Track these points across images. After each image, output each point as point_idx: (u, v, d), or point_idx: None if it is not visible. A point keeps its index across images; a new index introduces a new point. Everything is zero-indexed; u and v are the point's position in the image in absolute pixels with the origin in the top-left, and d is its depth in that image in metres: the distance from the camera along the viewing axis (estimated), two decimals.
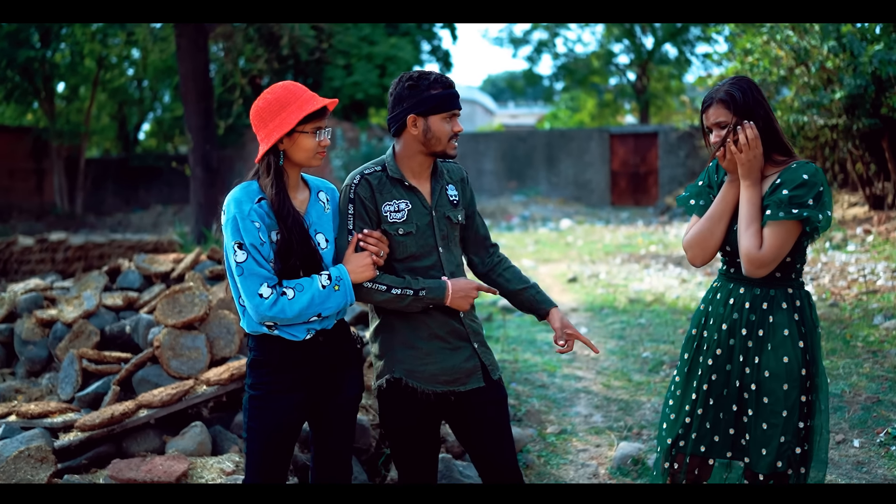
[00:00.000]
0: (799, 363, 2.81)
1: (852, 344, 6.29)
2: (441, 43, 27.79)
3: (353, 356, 2.96)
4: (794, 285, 2.88)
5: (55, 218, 21.45)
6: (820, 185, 2.72)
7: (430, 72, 2.90)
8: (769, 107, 2.83)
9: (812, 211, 2.69)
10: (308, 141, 2.74)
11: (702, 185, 3.05)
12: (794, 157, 2.85)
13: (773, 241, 2.72)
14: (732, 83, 2.83)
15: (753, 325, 2.87)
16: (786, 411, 2.80)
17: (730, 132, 2.79)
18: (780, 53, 13.09)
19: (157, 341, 4.34)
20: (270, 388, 2.78)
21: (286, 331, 2.75)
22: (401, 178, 2.93)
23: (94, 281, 5.55)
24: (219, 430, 4.04)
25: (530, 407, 5.42)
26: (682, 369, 3.08)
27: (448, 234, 2.98)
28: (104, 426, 3.78)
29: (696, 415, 2.99)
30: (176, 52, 9.49)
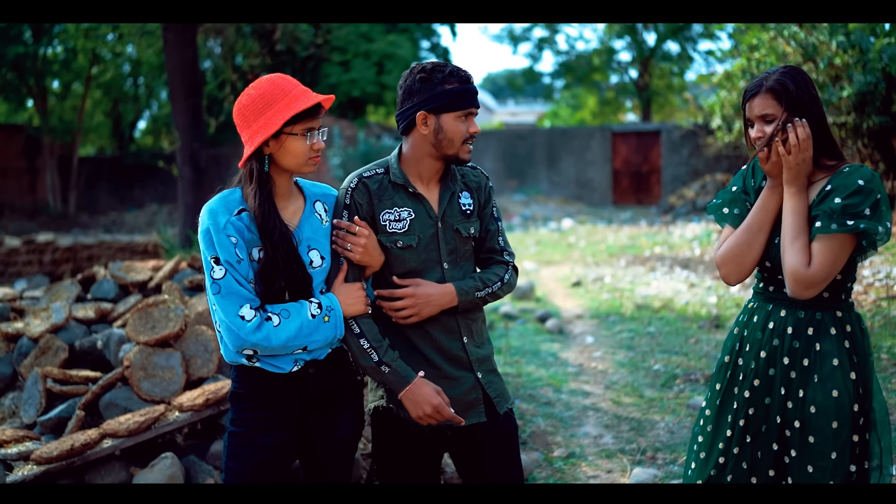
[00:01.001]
0: (850, 397, 2.41)
1: (877, 356, 5.91)
2: (440, 40, 27.46)
3: (349, 390, 2.57)
4: (844, 307, 2.48)
5: (48, 217, 21.10)
6: (878, 192, 2.34)
7: (446, 63, 2.50)
8: (821, 104, 2.44)
9: (870, 223, 2.30)
10: (298, 144, 2.35)
11: (736, 192, 2.64)
12: (844, 162, 2.46)
13: (823, 257, 2.34)
14: (785, 72, 2.44)
15: (797, 352, 2.47)
16: (835, 453, 2.41)
17: (778, 130, 2.40)
18: (787, 49, 12.77)
19: (128, 360, 3.94)
20: (252, 424, 2.42)
21: (268, 362, 2.37)
22: (404, 183, 2.53)
23: (66, 290, 5.15)
24: (193, 461, 3.66)
25: (535, 427, 5.03)
26: (713, 401, 2.67)
27: (457, 248, 2.58)
28: (63, 458, 3.39)
29: (731, 454, 2.59)
30: (163, 48, 9.13)
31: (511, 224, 18.95)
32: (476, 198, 2.65)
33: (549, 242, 15.07)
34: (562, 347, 7.15)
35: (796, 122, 2.39)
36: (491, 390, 2.58)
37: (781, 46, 12.91)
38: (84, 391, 4.06)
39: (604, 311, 8.57)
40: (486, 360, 2.62)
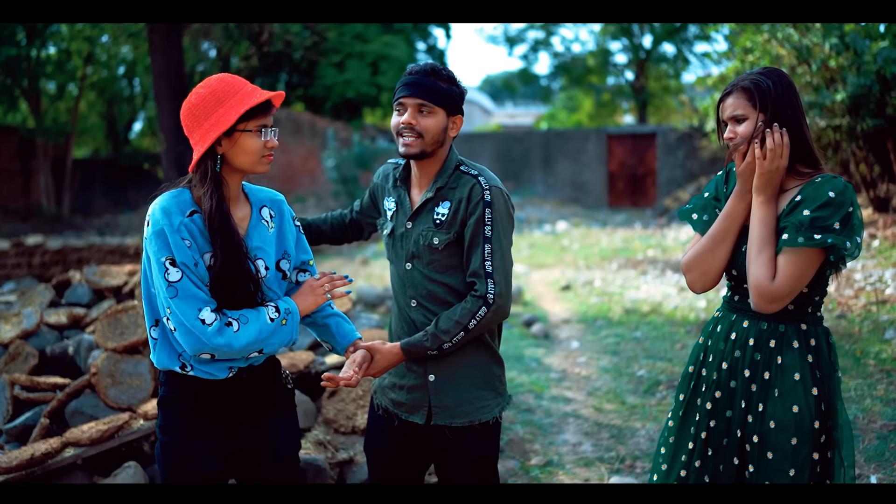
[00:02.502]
0: (811, 414, 2.32)
1: (863, 362, 5.85)
2: (436, 42, 27.44)
3: (282, 399, 2.51)
4: (810, 320, 2.39)
5: (41, 219, 21.00)
6: (849, 206, 2.25)
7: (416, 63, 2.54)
8: (801, 107, 2.35)
9: (838, 238, 2.20)
10: (252, 141, 2.27)
11: (708, 198, 2.58)
12: (819, 171, 2.38)
13: (789, 271, 2.25)
14: (762, 72, 2.36)
15: (758, 365, 2.40)
16: (793, 470, 2.32)
17: (759, 133, 2.31)
18: (781, 52, 12.72)
19: (95, 367, 3.88)
20: (181, 431, 2.35)
21: (202, 370, 2.31)
22: (401, 178, 2.62)
23: (39, 295, 5.08)
24: (158, 470, 3.59)
25: (514, 435, 4.96)
26: (676, 412, 2.60)
27: (420, 253, 2.52)
28: (23, 468, 3.32)
29: (692, 467, 2.52)
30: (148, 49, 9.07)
31: None
32: (456, 209, 2.50)
33: (542, 245, 15.01)
34: (546, 353, 7.08)
35: (775, 128, 2.31)
36: (436, 399, 2.52)
37: (775, 49, 12.87)
38: (51, 398, 3.99)
39: (591, 316, 8.50)
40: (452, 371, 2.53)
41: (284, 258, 2.47)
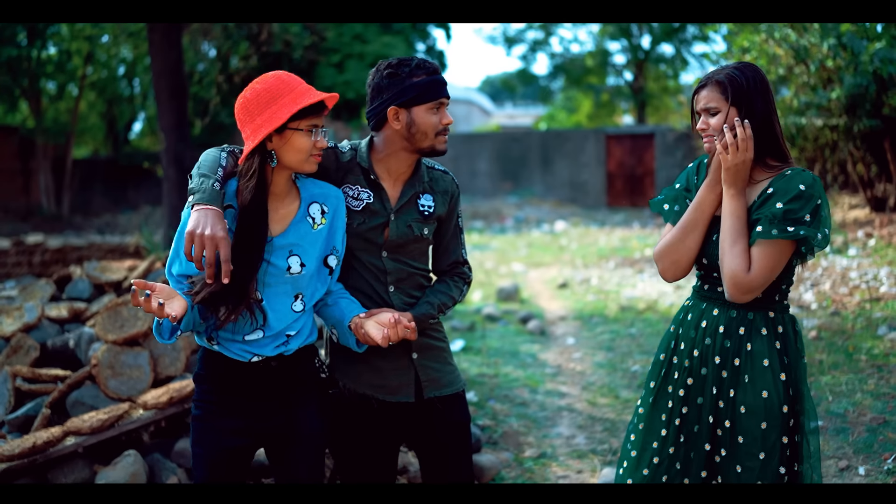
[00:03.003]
0: (780, 398, 2.40)
1: (855, 357, 5.91)
2: (436, 43, 27.46)
3: (315, 388, 2.56)
4: (777, 308, 2.47)
5: (41, 219, 21.07)
6: (818, 198, 2.33)
7: (412, 57, 2.52)
8: (773, 103, 2.42)
9: (809, 229, 2.29)
10: (302, 140, 2.33)
11: (679, 189, 2.64)
12: (788, 164, 2.46)
13: (763, 262, 2.33)
14: (735, 67, 2.43)
15: (728, 352, 2.47)
16: (763, 453, 2.40)
17: (733, 126, 2.38)
18: (778, 52, 12.78)
19: (95, 359, 3.95)
20: (211, 408, 2.44)
21: (225, 347, 2.39)
22: (368, 168, 2.57)
23: (40, 290, 5.16)
24: (157, 459, 3.66)
25: (508, 428, 5.02)
26: (646, 400, 2.65)
27: (404, 244, 2.60)
28: (25, 456, 3.40)
29: (665, 453, 2.58)
30: (148, 49, 9.13)
31: (504, 226, 18.95)
32: (439, 202, 2.66)
33: (540, 245, 15.07)
34: (542, 349, 7.15)
35: (737, 122, 2.37)
36: (423, 373, 2.62)
37: (773, 49, 12.94)
38: (53, 390, 4.06)
39: (587, 313, 8.56)
40: (429, 346, 2.66)
41: (332, 253, 2.51)
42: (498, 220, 20.22)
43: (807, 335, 6.64)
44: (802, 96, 12.80)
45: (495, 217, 20.61)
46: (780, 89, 14.20)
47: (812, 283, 8.82)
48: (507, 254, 13.83)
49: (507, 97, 58.76)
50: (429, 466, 2.72)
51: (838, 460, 4.32)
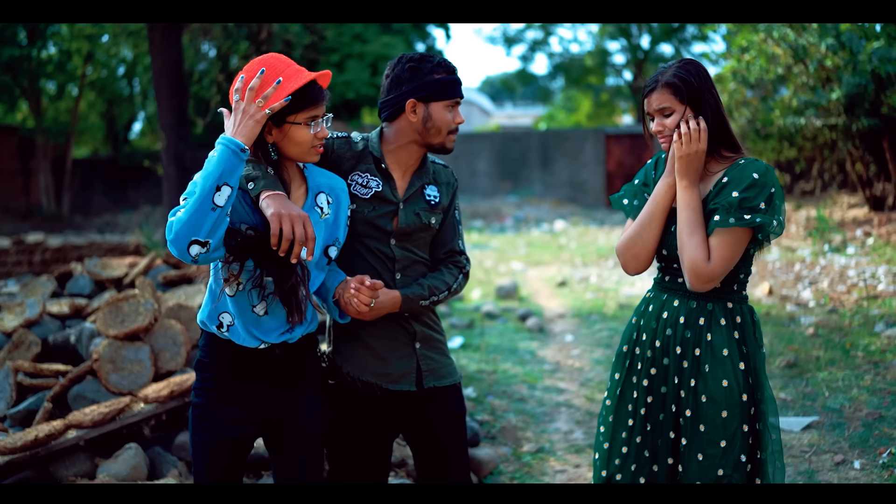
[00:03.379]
0: (740, 387, 2.45)
1: (852, 354, 5.94)
2: (435, 43, 27.48)
3: (315, 376, 2.58)
4: (736, 299, 2.53)
5: (41, 219, 21.09)
6: (771, 186, 2.39)
7: (432, 55, 2.58)
8: (718, 97, 2.49)
9: (765, 217, 2.35)
10: (301, 133, 2.34)
11: (638, 184, 2.71)
12: (741, 154, 2.52)
13: (723, 251, 2.38)
14: (680, 66, 2.49)
15: (689, 342, 2.52)
16: (724, 441, 2.45)
17: (688, 121, 2.44)
18: (777, 51, 12.80)
19: (96, 354, 3.98)
20: (213, 395, 2.44)
21: (236, 333, 2.39)
22: (380, 157, 2.63)
23: (42, 286, 5.18)
24: (158, 452, 3.70)
25: (506, 423, 5.05)
26: (613, 391, 2.71)
27: (412, 232, 2.67)
28: (27, 449, 3.43)
29: (633, 443, 2.63)
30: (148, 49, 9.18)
31: (504, 226, 18.97)
32: (443, 192, 2.75)
33: (539, 244, 15.10)
34: (540, 345, 7.18)
35: (691, 117, 2.44)
36: (424, 363, 2.67)
37: (771, 48, 12.96)
38: (54, 384, 4.09)
39: (586, 311, 8.59)
40: (431, 338, 2.71)
41: (334, 245, 2.53)
42: (497, 219, 20.24)
43: (804, 332, 6.67)
44: (801, 96, 12.82)
45: (495, 216, 20.63)
46: (780, 88, 14.24)
47: (810, 282, 8.86)
48: (506, 252, 13.85)
49: (506, 97, 58.79)
50: (424, 457, 2.75)
51: (834, 455, 4.35)
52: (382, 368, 2.63)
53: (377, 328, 2.62)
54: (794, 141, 13.99)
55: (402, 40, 24.40)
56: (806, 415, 4.94)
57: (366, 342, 2.62)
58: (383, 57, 23.21)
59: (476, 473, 4.07)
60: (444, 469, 2.72)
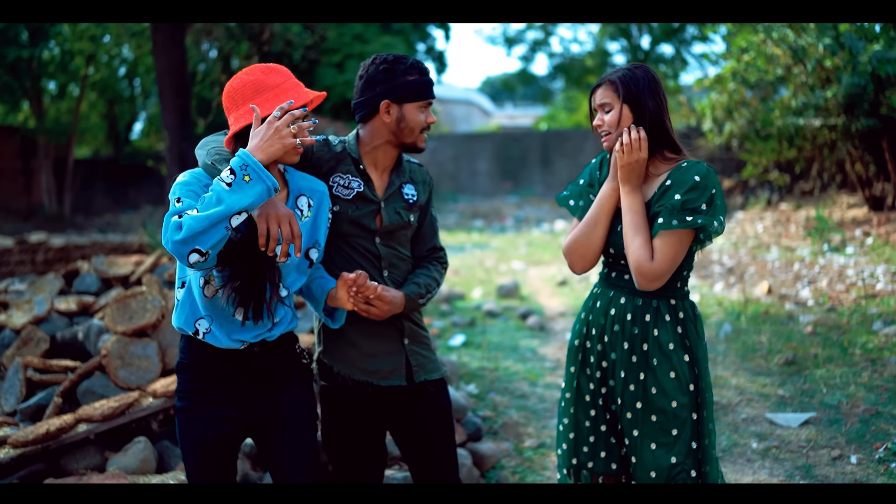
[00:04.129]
0: (686, 378, 2.57)
1: (850, 351, 6.00)
2: (435, 43, 27.53)
3: (297, 373, 2.61)
4: (679, 296, 2.64)
5: (43, 219, 21.15)
6: (712, 188, 2.49)
7: (406, 56, 2.65)
8: (663, 101, 2.58)
9: (706, 217, 2.46)
10: None
11: (583, 185, 2.81)
12: (683, 156, 2.62)
13: (666, 251, 2.49)
14: (628, 68, 2.61)
15: (636, 338, 2.62)
16: (676, 429, 2.56)
17: (630, 130, 2.55)
18: (776, 52, 12.85)
19: (105, 349, 4.05)
20: (195, 397, 2.48)
21: (213, 336, 2.42)
22: (358, 158, 2.70)
23: (49, 284, 5.25)
24: (166, 446, 3.76)
25: (508, 419, 5.12)
26: (570, 385, 2.81)
27: (393, 230, 2.75)
28: (39, 442, 3.49)
29: (599, 431, 2.73)
30: (152, 49, 9.23)
31: (504, 225, 19.03)
32: (420, 191, 2.83)
33: (540, 243, 15.15)
34: (541, 343, 7.24)
35: (632, 127, 2.54)
36: (413, 359, 2.75)
37: (770, 49, 13.01)
38: (63, 380, 4.16)
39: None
40: (417, 334, 2.80)
41: (314, 247, 2.58)
42: (498, 219, 20.30)
43: (803, 330, 6.73)
44: (801, 96, 12.87)
45: (495, 216, 20.69)
46: (780, 89, 14.29)
47: (809, 281, 8.92)
48: (507, 252, 13.91)
49: (507, 98, 58.85)
50: (414, 452, 2.83)
51: (831, 450, 4.41)
52: (373, 366, 2.70)
53: (366, 327, 2.69)
54: (794, 141, 14.04)
55: (402, 40, 24.44)
56: (804, 411, 5.00)
57: (354, 341, 2.69)
58: None
59: (478, 467, 4.14)
60: (436, 460, 2.81)
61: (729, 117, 14.98)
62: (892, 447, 4.33)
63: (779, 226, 13.68)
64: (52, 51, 21.41)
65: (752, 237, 13.34)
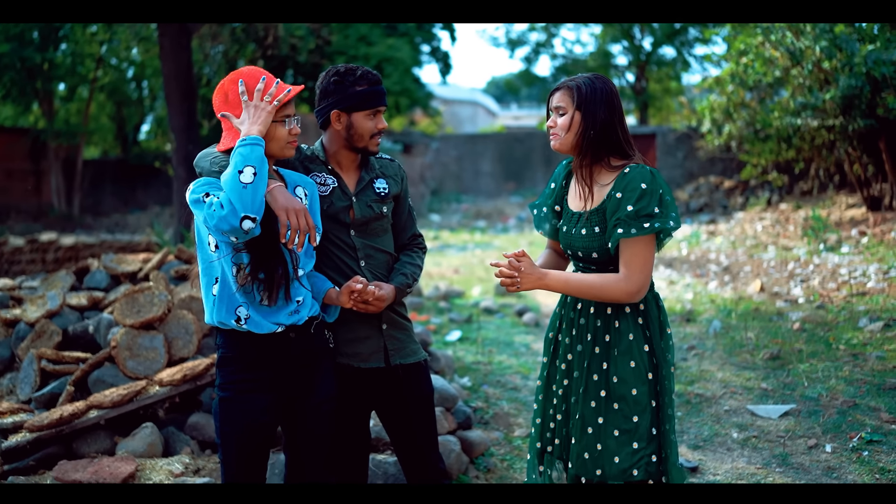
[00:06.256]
0: (645, 366, 2.74)
1: (834, 347, 6.19)
2: (440, 44, 27.72)
3: (324, 356, 2.84)
4: None
5: (53, 219, 21.40)
6: (659, 189, 2.66)
7: (357, 67, 2.88)
8: (617, 112, 2.75)
9: (662, 220, 2.64)
10: (278, 130, 2.65)
11: (548, 212, 2.98)
12: (629, 160, 2.77)
13: (635, 260, 2.66)
14: (589, 77, 2.78)
15: (599, 330, 2.80)
16: (636, 416, 2.73)
17: (503, 272, 2.73)
18: (774, 54, 13.00)
19: (114, 341, 4.27)
20: (239, 387, 2.68)
21: (254, 322, 2.64)
22: (325, 160, 2.95)
23: (61, 280, 5.49)
24: (172, 432, 3.98)
25: (499, 410, 5.32)
26: (542, 373, 3.02)
27: (367, 222, 2.97)
28: (53, 427, 3.72)
29: (557, 420, 2.93)
30: (159, 53, 9.46)
31: (507, 226, 19.23)
32: (392, 184, 3.05)
33: (541, 243, 15.28)
34: (535, 339, 7.43)
35: (511, 261, 2.70)
36: (390, 343, 2.97)
37: (769, 51, 13.16)
38: (75, 370, 4.39)
39: None
40: (396, 321, 3.00)
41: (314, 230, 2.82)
42: (500, 219, 20.51)
43: (790, 327, 6.92)
44: (799, 97, 13.03)
45: (498, 217, 20.90)
46: (780, 91, 14.44)
47: (802, 279, 9.09)
48: (508, 251, 14.06)
49: (512, 98, 58.98)
50: (393, 432, 3.05)
51: (808, 439, 4.61)
52: (352, 349, 2.92)
53: (347, 313, 2.91)
54: (793, 142, 14.18)
55: (406, 42, 24.64)
56: (784, 403, 5.19)
57: (337, 328, 2.91)
58: (388, 59, 23.47)
59: (468, 454, 4.34)
60: (415, 441, 3.01)
61: (728, 119, 15.14)
62: (867, 436, 4.52)
63: (778, 226, 13.84)
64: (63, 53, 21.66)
65: (751, 237, 13.51)
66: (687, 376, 5.87)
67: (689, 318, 7.75)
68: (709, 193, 19.31)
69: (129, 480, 3.44)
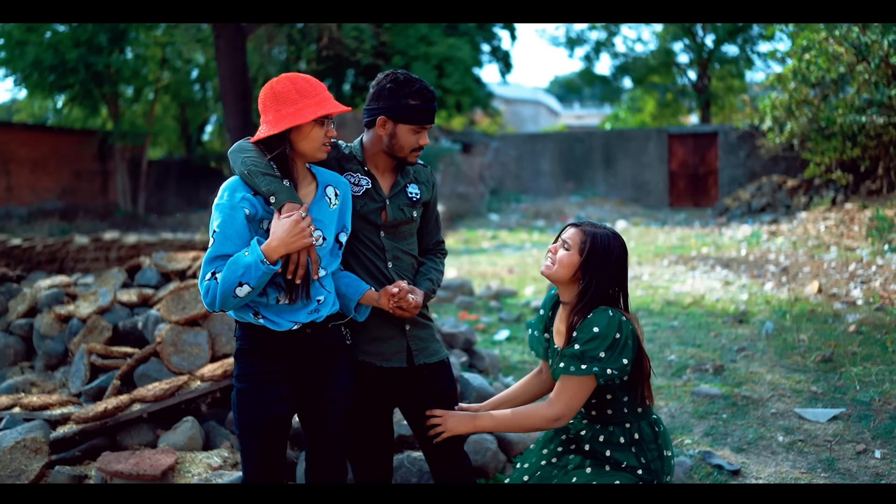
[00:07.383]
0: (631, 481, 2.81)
1: (891, 350, 6.02)
2: (501, 43, 27.69)
3: (340, 350, 2.87)
4: (631, 419, 2.88)
5: (119, 218, 21.97)
6: (614, 334, 2.69)
7: (416, 79, 2.87)
8: (617, 276, 2.79)
9: (601, 364, 2.67)
10: (315, 131, 2.68)
11: (539, 332, 3.04)
12: (609, 305, 2.80)
13: (564, 394, 2.75)
14: (607, 233, 2.82)
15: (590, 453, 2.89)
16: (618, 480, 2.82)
17: None
18: (839, 50, 12.71)
19: (160, 337, 4.38)
20: (256, 379, 2.72)
21: (268, 318, 2.69)
22: (362, 161, 2.96)
23: (113, 278, 5.64)
24: (213, 426, 4.06)
25: None
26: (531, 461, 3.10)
27: (396, 224, 2.99)
28: (97, 419, 3.83)
29: None
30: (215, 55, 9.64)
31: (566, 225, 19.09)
32: (423, 190, 3.07)
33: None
34: None
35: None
36: (413, 343, 2.98)
37: (833, 47, 12.88)
38: (122, 364, 4.50)
39: (633, 307, 8.74)
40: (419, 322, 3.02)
41: (343, 231, 2.86)
42: (560, 219, 20.40)
43: (846, 329, 6.75)
44: (864, 94, 12.72)
45: (557, 216, 20.79)
46: (845, 87, 14.11)
47: (863, 281, 8.87)
48: None
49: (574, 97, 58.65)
50: (417, 429, 3.06)
51: (856, 444, 4.49)
52: (376, 348, 2.94)
53: (374, 315, 2.93)
54: (858, 139, 13.85)
55: (467, 42, 24.66)
56: (834, 407, 5.07)
57: (362, 327, 2.94)
58: (448, 59, 23.52)
59: (505, 453, 4.33)
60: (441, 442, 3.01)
61: (790, 116, 14.85)
62: None
63: (841, 226, 13.50)
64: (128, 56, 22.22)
65: (813, 237, 13.21)
66: (735, 378, 5.76)
67: (742, 320, 7.62)
68: (771, 193, 18.92)
69: (169, 472, 3.52)
